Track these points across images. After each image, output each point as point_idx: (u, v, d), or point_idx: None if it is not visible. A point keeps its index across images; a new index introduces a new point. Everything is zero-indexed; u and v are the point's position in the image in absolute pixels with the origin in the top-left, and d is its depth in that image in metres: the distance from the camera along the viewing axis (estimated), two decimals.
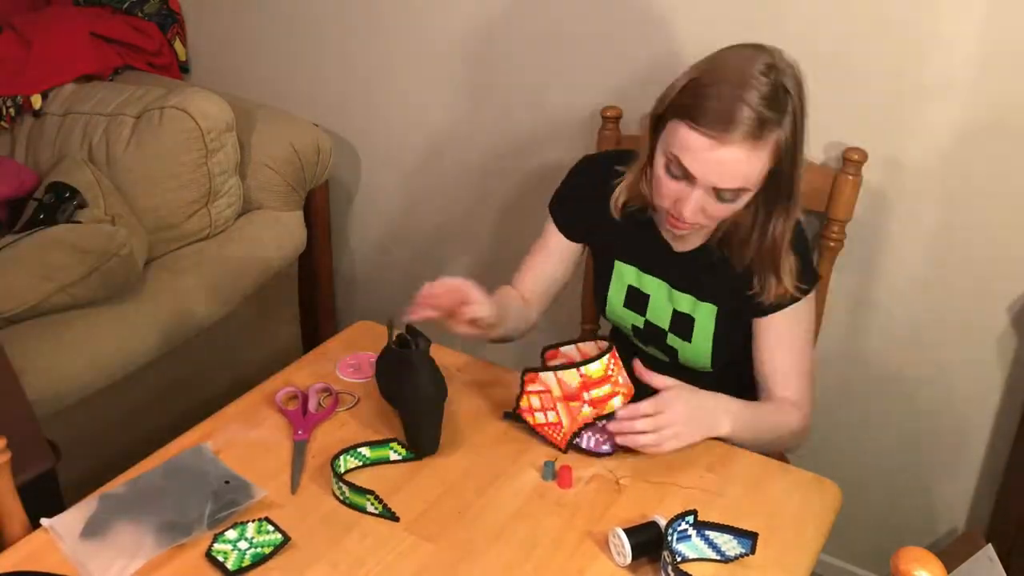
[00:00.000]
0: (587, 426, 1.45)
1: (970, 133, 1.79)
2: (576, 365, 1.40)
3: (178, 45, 2.81)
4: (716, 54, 1.38)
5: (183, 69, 2.85)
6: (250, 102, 2.51)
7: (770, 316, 1.54)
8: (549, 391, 1.44)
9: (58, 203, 2.12)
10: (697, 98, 1.32)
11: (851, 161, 1.81)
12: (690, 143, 1.33)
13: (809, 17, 1.85)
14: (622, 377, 1.44)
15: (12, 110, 2.51)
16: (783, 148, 1.34)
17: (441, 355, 1.53)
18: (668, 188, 1.41)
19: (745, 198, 1.40)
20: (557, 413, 1.45)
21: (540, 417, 1.46)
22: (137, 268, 2.12)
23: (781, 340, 1.55)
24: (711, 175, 1.34)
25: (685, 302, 1.62)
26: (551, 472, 1.42)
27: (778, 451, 1.64)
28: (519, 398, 1.48)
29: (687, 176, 1.37)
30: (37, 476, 1.56)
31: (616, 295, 1.70)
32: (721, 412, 1.46)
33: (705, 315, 1.61)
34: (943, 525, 2.12)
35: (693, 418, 1.42)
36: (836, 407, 2.10)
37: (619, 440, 1.42)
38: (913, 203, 1.89)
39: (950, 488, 2.08)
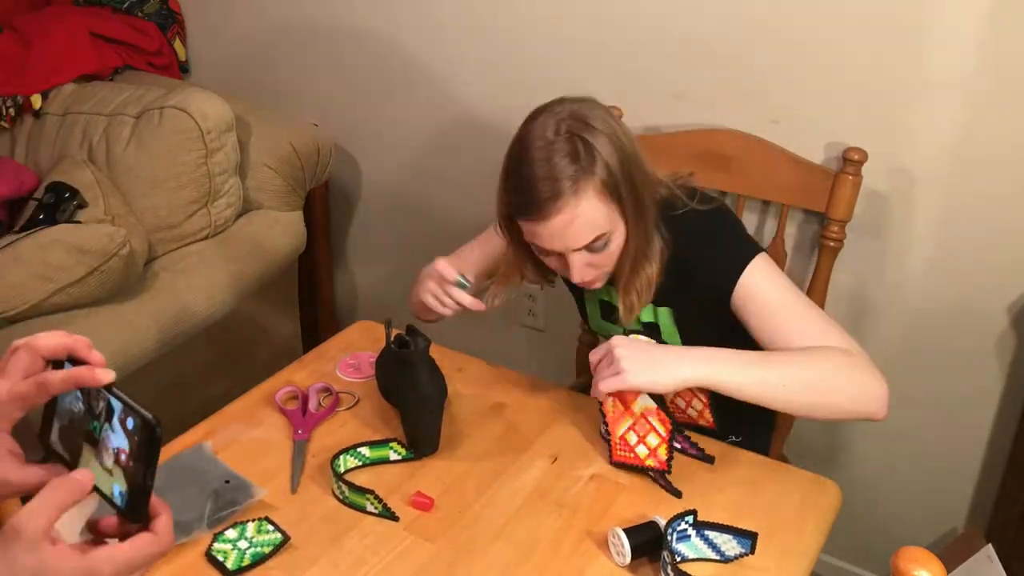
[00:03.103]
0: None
1: (971, 133, 1.79)
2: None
3: (178, 45, 2.81)
4: (515, 139, 1.46)
5: (183, 69, 2.86)
6: (250, 102, 2.51)
7: (735, 295, 1.48)
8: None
9: (58, 203, 2.12)
10: (516, 195, 1.44)
11: (851, 161, 1.82)
12: (532, 229, 1.44)
13: (810, 18, 1.86)
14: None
15: (12, 110, 2.51)
16: (609, 185, 1.40)
17: (440, 355, 1.53)
18: (552, 264, 1.52)
19: (616, 238, 1.46)
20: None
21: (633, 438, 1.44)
22: (137, 268, 2.12)
23: (764, 305, 1.48)
24: (566, 241, 1.43)
25: (645, 311, 1.61)
26: None
27: (861, 408, 1.41)
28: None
29: (554, 251, 1.46)
30: None
31: (592, 309, 1.72)
32: (680, 355, 1.40)
33: (666, 319, 1.61)
34: (943, 525, 2.12)
35: (647, 355, 1.38)
36: None
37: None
38: (913, 203, 1.89)
39: (950, 488, 2.08)
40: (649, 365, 1.37)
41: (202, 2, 2.78)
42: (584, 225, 1.41)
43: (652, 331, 1.62)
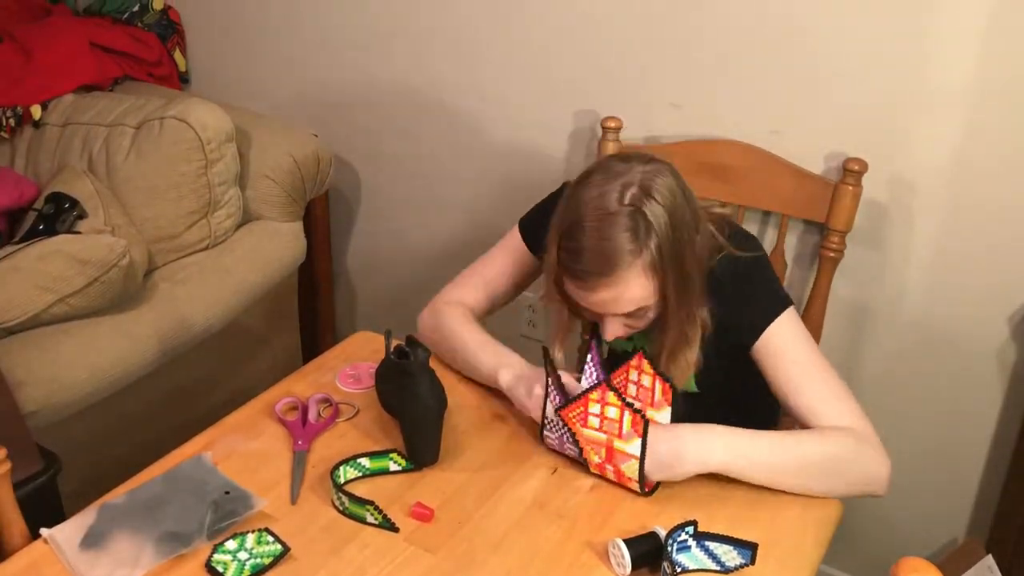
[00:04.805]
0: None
1: (970, 143, 1.79)
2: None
3: (178, 56, 2.82)
4: (576, 191, 1.43)
5: (183, 79, 2.86)
6: (250, 113, 2.52)
7: (758, 343, 1.49)
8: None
9: (58, 213, 2.12)
10: (568, 255, 1.42)
11: (851, 171, 1.82)
12: (576, 291, 1.45)
13: (810, 28, 1.86)
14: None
15: (12, 120, 2.51)
16: (658, 262, 1.39)
17: (441, 366, 1.53)
18: (587, 313, 1.51)
19: (656, 307, 1.46)
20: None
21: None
22: (137, 279, 2.12)
23: (784, 363, 1.49)
24: (605, 308, 1.45)
25: None
26: None
27: (861, 490, 1.45)
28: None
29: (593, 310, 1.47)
30: (36, 486, 1.56)
31: None
32: (711, 441, 1.40)
33: None
34: (943, 535, 2.12)
35: (672, 454, 1.38)
36: None
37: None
38: (913, 213, 1.89)
39: (950, 498, 2.07)
40: (681, 456, 1.38)
41: (202, 13, 2.79)
42: (627, 300, 1.42)
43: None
